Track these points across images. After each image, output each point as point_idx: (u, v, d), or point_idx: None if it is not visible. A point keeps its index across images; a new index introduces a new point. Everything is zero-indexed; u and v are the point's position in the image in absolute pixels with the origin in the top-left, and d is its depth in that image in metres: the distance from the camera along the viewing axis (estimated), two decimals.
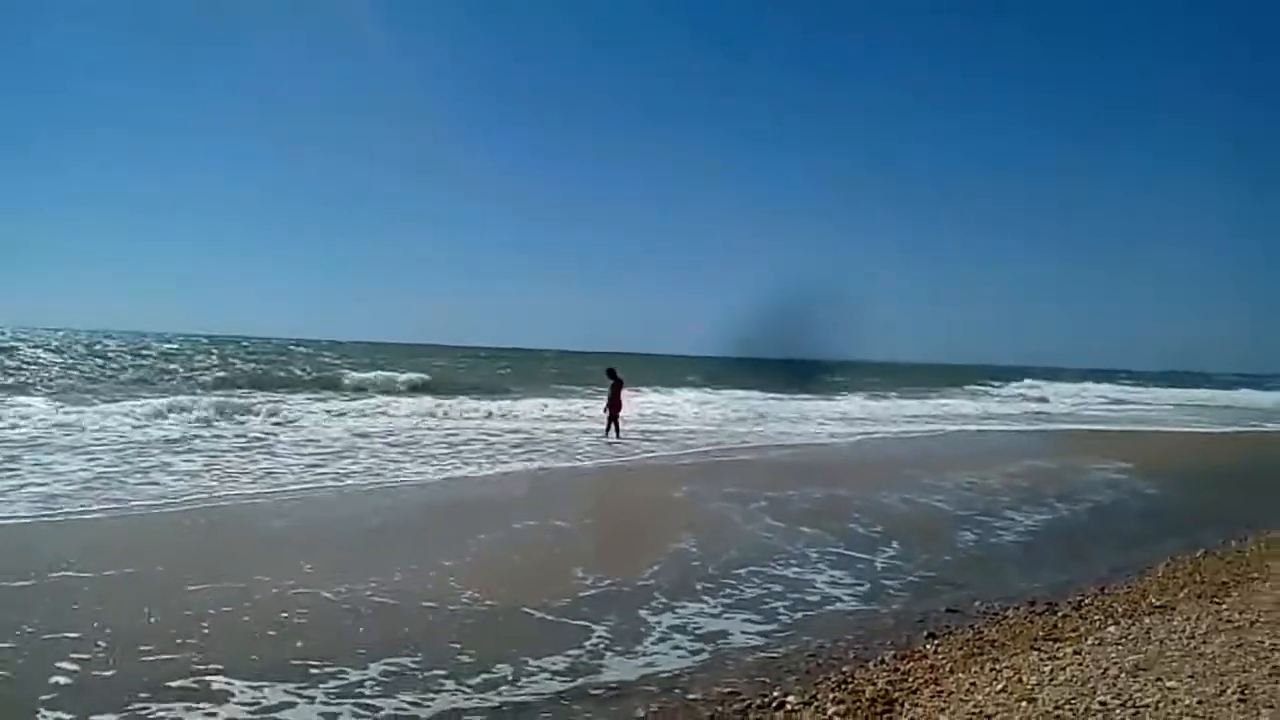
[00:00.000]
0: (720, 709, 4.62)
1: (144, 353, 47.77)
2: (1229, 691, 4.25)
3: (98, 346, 52.03)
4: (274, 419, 18.56)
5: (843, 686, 4.79)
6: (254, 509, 9.77)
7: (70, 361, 38.05)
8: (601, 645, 5.68)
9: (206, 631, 5.60)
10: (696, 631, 5.99)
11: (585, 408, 23.43)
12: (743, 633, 6.02)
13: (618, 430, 18.68)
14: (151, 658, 5.11)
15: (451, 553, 7.88)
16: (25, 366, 33.94)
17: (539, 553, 8.27)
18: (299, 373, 36.04)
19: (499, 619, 6.16)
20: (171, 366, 38.73)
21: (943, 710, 4.24)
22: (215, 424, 17.40)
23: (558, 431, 19.50)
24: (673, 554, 8.16)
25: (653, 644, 5.74)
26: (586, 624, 6.08)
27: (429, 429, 18.98)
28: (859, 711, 4.36)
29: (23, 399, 19.72)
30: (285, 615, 5.98)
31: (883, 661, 5.27)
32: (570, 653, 5.49)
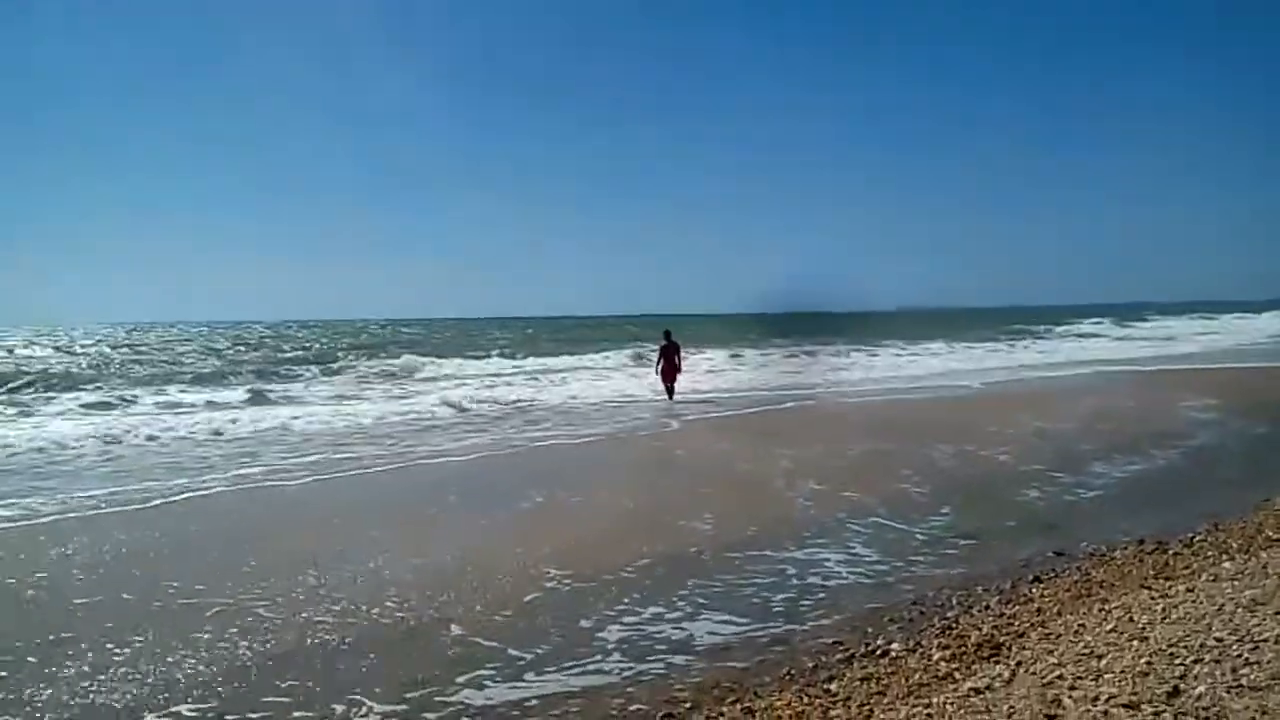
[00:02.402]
0: (824, 659, 4.71)
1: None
2: None
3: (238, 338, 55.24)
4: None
5: (947, 632, 4.82)
6: None
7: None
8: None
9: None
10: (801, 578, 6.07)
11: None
12: (851, 578, 6.12)
13: (671, 393, 18.73)
14: None
15: (402, 545, 7.20)
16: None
17: (553, 537, 7.34)
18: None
19: (404, 640, 5.21)
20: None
21: (1050, 651, 4.23)
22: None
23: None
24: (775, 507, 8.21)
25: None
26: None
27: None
28: (964, 656, 4.39)
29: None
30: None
31: (987, 607, 5.28)
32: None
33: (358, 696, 4.43)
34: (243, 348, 44.75)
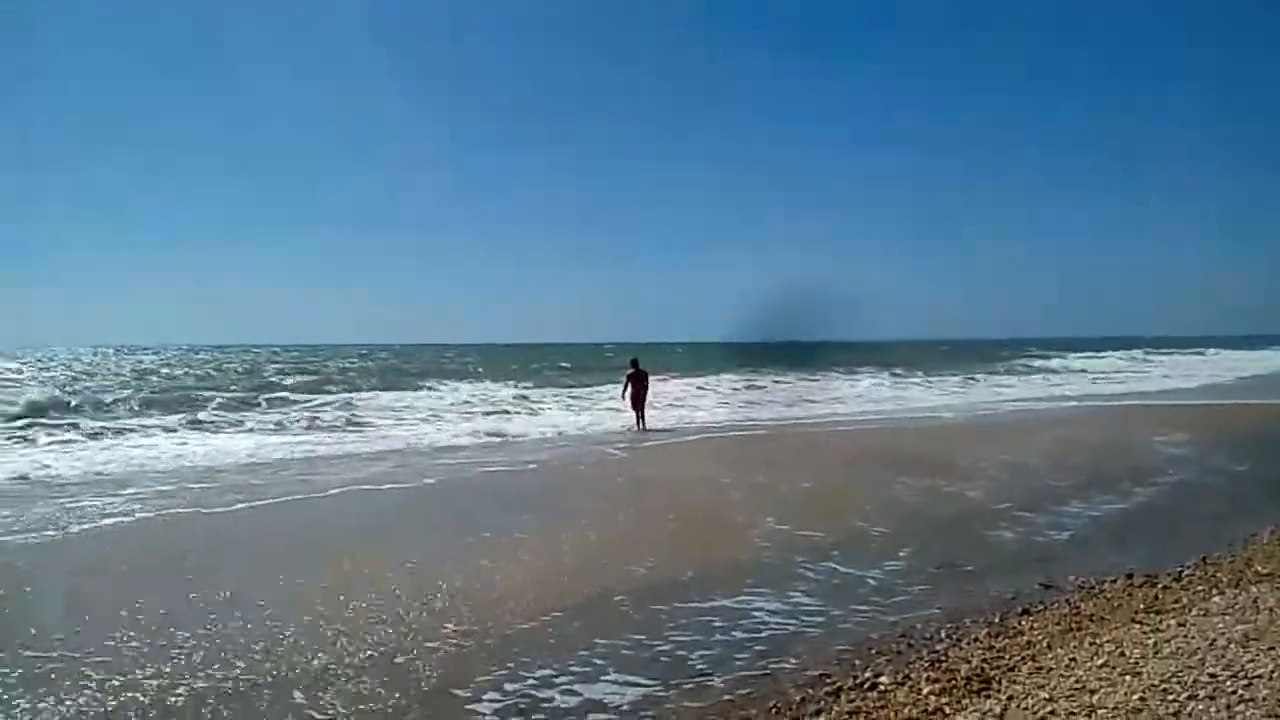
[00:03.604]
0: (811, 691, 4.60)
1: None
2: None
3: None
4: None
5: (937, 665, 4.73)
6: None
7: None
8: None
9: None
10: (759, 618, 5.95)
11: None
12: (790, 628, 5.82)
13: (643, 422, 18.71)
14: None
15: (285, 591, 6.61)
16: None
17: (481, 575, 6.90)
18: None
19: (227, 709, 4.55)
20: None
21: (1042, 686, 4.14)
22: None
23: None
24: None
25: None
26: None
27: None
28: (954, 690, 4.29)
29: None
30: None
31: (976, 640, 5.18)
32: None
33: None
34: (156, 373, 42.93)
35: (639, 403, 18.71)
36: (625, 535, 8.48)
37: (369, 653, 5.28)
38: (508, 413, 23.19)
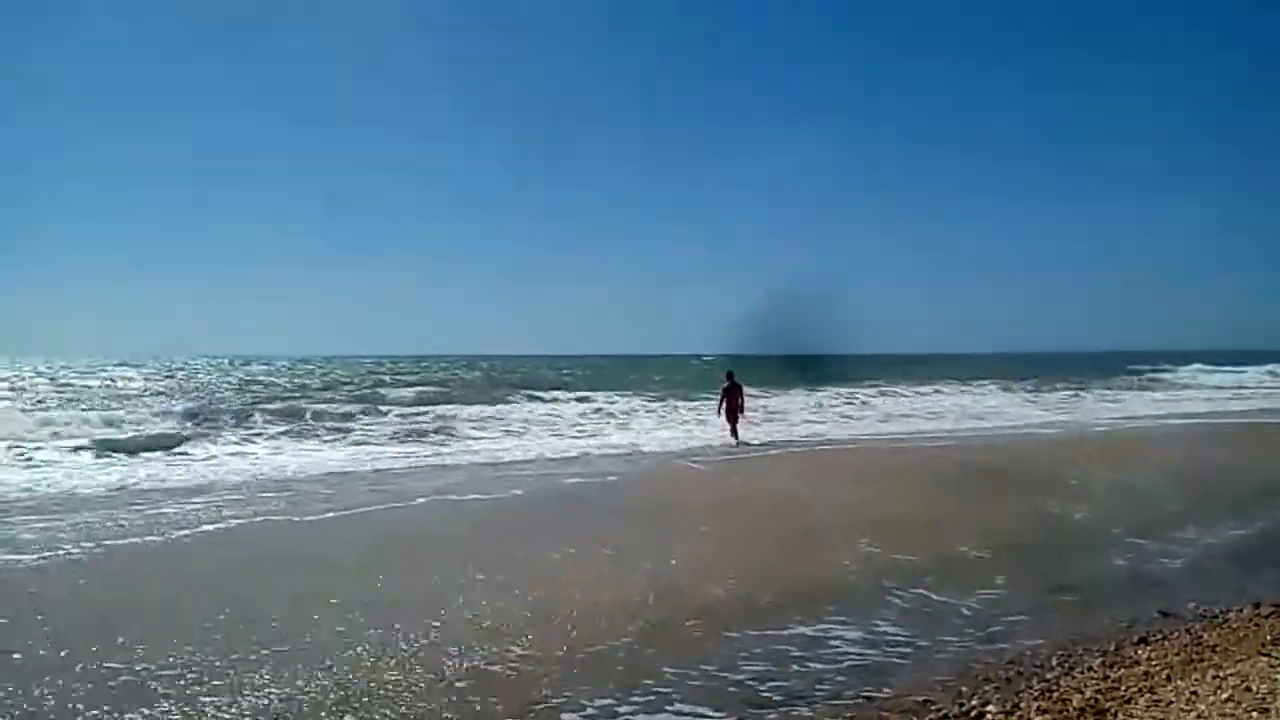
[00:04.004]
0: (915, 718, 4.53)
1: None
2: None
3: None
4: None
5: (1047, 695, 4.60)
6: None
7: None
8: None
9: None
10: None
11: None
12: (869, 660, 5.52)
13: (736, 435, 18.83)
14: None
15: (360, 600, 6.61)
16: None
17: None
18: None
19: None
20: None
21: None
22: None
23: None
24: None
25: None
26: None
27: None
28: None
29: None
30: None
31: (1090, 669, 5.02)
32: None
33: None
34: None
35: (733, 415, 18.90)
36: (704, 554, 8.29)
37: (429, 674, 5.16)
38: (600, 425, 23.60)
